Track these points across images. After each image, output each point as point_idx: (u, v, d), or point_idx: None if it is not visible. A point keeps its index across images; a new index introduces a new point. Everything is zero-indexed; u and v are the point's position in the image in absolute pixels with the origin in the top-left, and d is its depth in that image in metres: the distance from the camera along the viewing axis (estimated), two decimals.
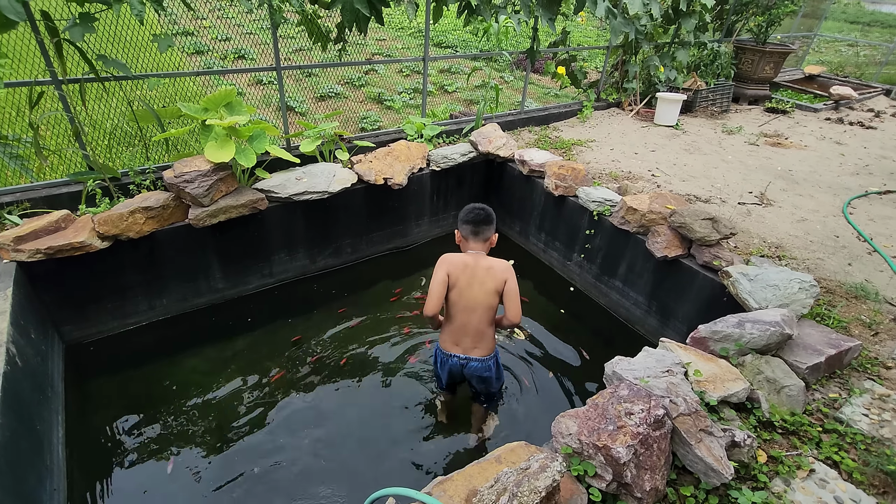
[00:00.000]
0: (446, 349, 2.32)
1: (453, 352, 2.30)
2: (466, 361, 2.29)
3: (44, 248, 2.50)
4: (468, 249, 2.32)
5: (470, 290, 2.20)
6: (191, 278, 3.20)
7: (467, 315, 2.22)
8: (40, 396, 2.22)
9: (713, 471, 1.59)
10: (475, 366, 2.29)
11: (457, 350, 2.29)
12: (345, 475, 2.36)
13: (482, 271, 2.21)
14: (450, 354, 2.30)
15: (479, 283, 2.21)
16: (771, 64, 6.44)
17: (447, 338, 2.31)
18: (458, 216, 2.37)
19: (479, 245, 2.30)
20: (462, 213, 2.34)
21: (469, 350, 2.28)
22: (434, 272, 2.23)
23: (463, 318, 2.23)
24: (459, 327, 2.26)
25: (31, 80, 2.70)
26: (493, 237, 2.34)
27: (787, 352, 2.14)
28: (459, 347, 2.29)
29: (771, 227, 3.40)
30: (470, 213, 2.31)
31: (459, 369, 2.32)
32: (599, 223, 3.47)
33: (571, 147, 4.68)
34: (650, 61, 5.77)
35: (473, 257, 2.25)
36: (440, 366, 2.40)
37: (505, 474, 1.44)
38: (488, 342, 2.29)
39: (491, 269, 2.21)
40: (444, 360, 2.34)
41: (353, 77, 7.16)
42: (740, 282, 2.53)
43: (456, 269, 2.23)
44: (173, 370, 2.88)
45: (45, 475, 1.97)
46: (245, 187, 3.19)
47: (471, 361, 2.28)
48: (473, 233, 2.29)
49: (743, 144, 5.11)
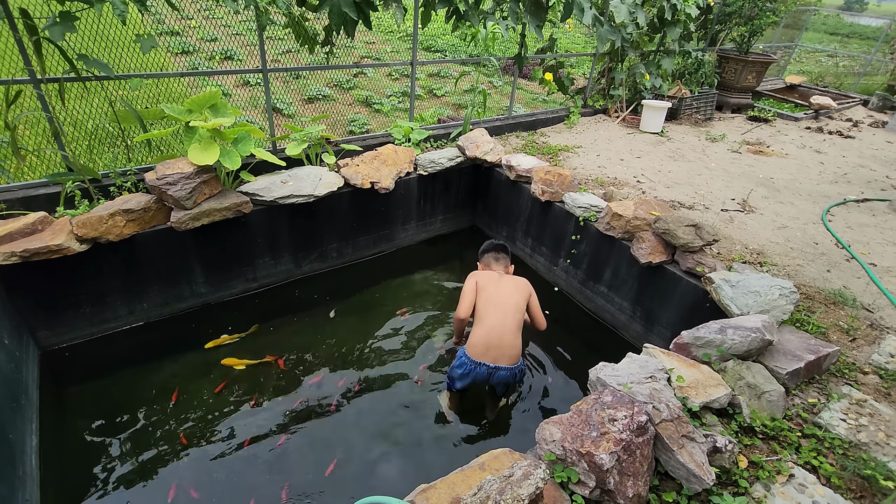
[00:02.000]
0: (475, 357, 2.36)
1: (482, 360, 2.34)
2: (495, 370, 2.34)
3: (19, 250, 2.44)
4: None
5: (500, 293, 2.46)
6: (172, 283, 3.14)
7: (500, 317, 2.35)
8: (13, 404, 2.16)
9: (695, 476, 1.60)
10: (503, 374, 2.35)
11: (486, 358, 2.34)
12: (334, 479, 2.33)
13: (510, 281, 2.58)
14: (478, 363, 2.34)
15: (509, 289, 2.51)
16: (753, 73, 6.57)
17: (477, 343, 2.37)
18: (480, 251, 2.89)
19: (502, 269, 2.74)
20: (484, 247, 2.86)
21: (498, 359, 2.34)
22: (465, 283, 2.57)
23: (494, 320, 2.35)
24: (489, 332, 2.34)
25: (8, 80, 2.64)
26: (510, 267, 2.81)
27: (768, 357, 2.17)
28: (489, 355, 2.34)
29: (752, 233, 3.46)
30: (492, 246, 2.84)
31: (486, 377, 2.37)
32: (585, 229, 3.50)
33: (558, 153, 4.72)
34: (636, 69, 5.85)
35: (499, 274, 2.66)
36: (463, 374, 2.41)
37: (488, 482, 1.43)
38: (517, 349, 2.37)
39: (518, 280, 2.61)
40: (471, 368, 2.37)
41: (342, 80, 7.14)
42: (722, 288, 2.56)
43: (483, 278, 2.57)
44: (153, 376, 2.82)
45: (17, 485, 1.91)
46: (229, 190, 3.15)
47: (499, 371, 2.33)
48: (496, 259, 2.78)
49: (726, 152, 5.19)
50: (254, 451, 2.44)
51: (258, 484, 2.28)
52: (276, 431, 2.55)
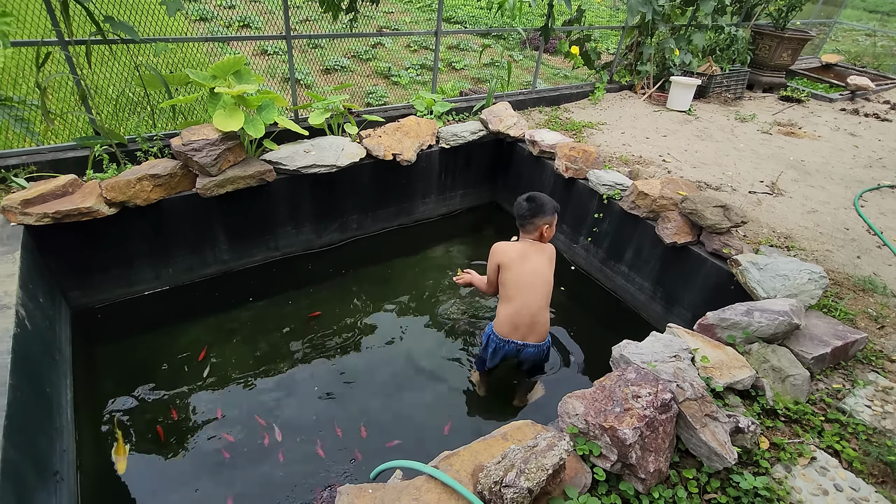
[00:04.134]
0: (503, 335, 2.36)
1: (511, 338, 2.34)
2: (523, 347, 2.34)
3: (51, 212, 2.48)
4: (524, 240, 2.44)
5: (528, 269, 2.31)
6: (197, 248, 3.19)
7: (529, 295, 2.28)
8: (49, 360, 2.24)
9: (717, 455, 1.60)
10: (531, 352, 2.35)
11: (514, 336, 2.34)
12: (356, 443, 2.39)
13: (541, 253, 2.36)
14: (507, 340, 2.35)
15: (537, 264, 2.33)
16: (789, 51, 6.30)
17: (504, 322, 2.34)
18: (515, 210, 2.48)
19: (531, 236, 2.40)
20: (516, 209, 2.44)
21: (526, 336, 2.33)
22: (489, 260, 2.42)
23: (521, 300, 2.29)
24: (517, 312, 2.30)
25: (38, 41, 2.64)
26: (541, 227, 2.36)
27: (794, 342, 2.15)
28: (518, 333, 2.33)
29: (781, 217, 3.38)
30: (516, 208, 2.42)
31: (515, 354, 2.38)
32: (608, 207, 3.45)
33: (582, 129, 4.62)
34: (665, 44, 5.64)
35: (528, 244, 2.39)
36: (493, 352, 2.42)
37: (512, 451, 1.46)
38: (544, 326, 2.35)
39: (547, 250, 2.40)
40: (499, 346, 2.38)
41: (360, 50, 7.02)
42: (749, 271, 2.52)
43: (508, 256, 2.35)
44: (178, 339, 2.89)
45: (55, 437, 2.00)
46: (253, 158, 3.15)
47: (527, 347, 2.34)
48: (521, 226, 2.42)
49: (756, 133, 5.03)
50: (282, 412, 2.51)
51: (282, 445, 2.36)
52: (302, 394, 2.62)
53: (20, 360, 1.82)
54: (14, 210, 2.44)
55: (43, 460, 1.80)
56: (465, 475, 1.50)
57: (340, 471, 2.28)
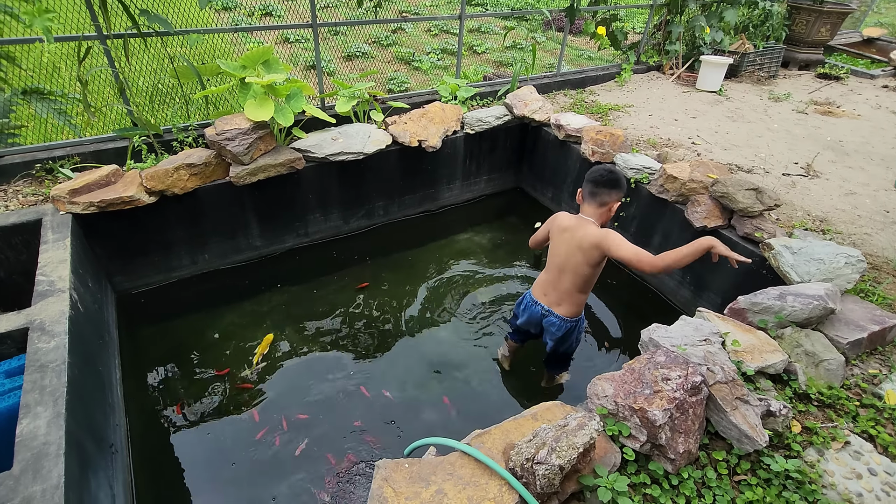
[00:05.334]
0: (535, 295, 2.47)
1: (540, 300, 2.43)
2: (548, 313, 2.41)
3: (96, 201, 2.61)
4: (581, 211, 2.32)
5: (562, 251, 2.31)
6: (230, 235, 3.30)
7: (557, 273, 2.35)
8: (99, 340, 2.37)
9: (747, 437, 1.61)
10: (553, 321, 2.40)
11: (543, 300, 2.42)
12: (389, 422, 2.47)
13: (581, 236, 2.20)
14: (536, 301, 2.45)
15: (572, 248, 2.25)
16: (827, 25, 6.02)
17: (538, 285, 2.46)
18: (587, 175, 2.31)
19: (591, 209, 2.25)
20: (589, 173, 2.28)
21: (553, 304, 2.40)
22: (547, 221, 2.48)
23: (553, 274, 2.37)
24: (549, 281, 2.40)
25: (78, 35, 2.74)
26: (611, 204, 2.24)
27: (829, 326, 2.11)
28: (546, 298, 2.42)
29: (816, 199, 3.29)
30: (594, 171, 2.26)
31: (539, 318, 2.45)
32: (636, 191, 3.41)
33: (608, 112, 4.55)
34: (696, 21, 5.47)
35: (577, 221, 2.26)
36: (524, 308, 2.52)
37: (543, 430, 1.50)
38: (573, 306, 2.37)
39: (585, 236, 2.18)
40: (529, 303, 2.48)
41: (381, 36, 7.00)
42: (783, 255, 2.48)
43: (555, 229, 2.38)
44: (213, 322, 3.02)
45: (108, 412, 2.14)
46: (283, 146, 3.22)
47: (550, 315, 2.40)
48: (591, 193, 2.24)
49: (790, 112, 4.87)
50: (316, 393, 2.61)
51: (316, 424, 2.46)
52: (333, 374, 2.71)
53: (76, 340, 1.94)
54: (63, 199, 2.57)
55: (100, 433, 1.92)
56: (497, 452, 1.55)
57: (362, 448, 2.37)
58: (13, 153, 2.91)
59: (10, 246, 2.52)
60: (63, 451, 1.48)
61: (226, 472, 2.24)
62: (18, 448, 1.48)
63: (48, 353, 1.79)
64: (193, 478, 2.22)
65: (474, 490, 1.41)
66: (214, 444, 2.35)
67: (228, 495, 2.16)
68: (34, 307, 1.99)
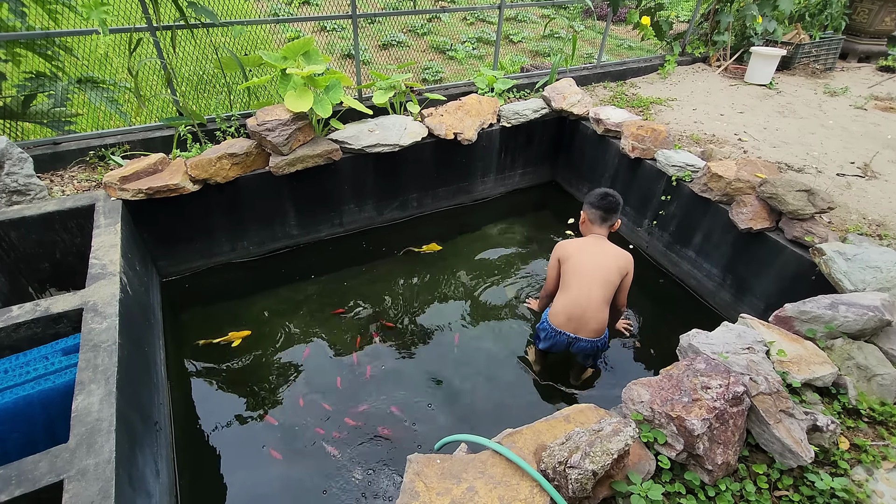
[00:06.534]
0: (556, 324, 2.31)
1: (564, 329, 2.29)
2: (575, 341, 2.29)
3: (144, 188, 2.71)
4: (591, 233, 2.46)
5: (590, 263, 2.27)
6: (269, 223, 3.38)
7: (585, 289, 2.24)
8: (146, 322, 2.48)
9: (791, 452, 1.55)
10: (583, 346, 2.30)
11: (567, 328, 2.28)
12: (415, 416, 2.51)
13: (609, 253, 2.34)
14: (558, 331, 2.30)
15: (603, 261, 2.29)
16: (893, 14, 5.64)
17: (559, 312, 2.30)
18: (587, 199, 2.47)
19: (603, 230, 2.44)
20: (593, 198, 2.43)
21: (579, 330, 2.27)
22: (551, 257, 2.47)
23: (577, 292, 2.25)
24: (572, 303, 2.26)
25: (131, 27, 2.84)
26: (616, 223, 2.47)
27: (884, 339, 2.00)
28: (570, 325, 2.27)
29: (874, 202, 3.10)
30: (603, 199, 2.40)
31: (566, 346, 2.33)
32: (677, 189, 3.30)
33: (650, 105, 4.40)
34: (747, 10, 5.20)
35: (595, 240, 2.40)
36: (545, 336, 2.40)
37: (577, 433, 1.48)
38: (601, 324, 2.27)
39: (619, 254, 2.34)
40: (551, 335, 2.34)
41: (417, 25, 6.97)
42: (835, 261, 2.36)
43: (570, 249, 2.38)
44: (251, 308, 3.11)
45: (154, 391, 2.24)
46: (321, 137, 3.26)
47: (580, 342, 2.29)
48: (602, 218, 2.41)
49: (847, 108, 4.59)
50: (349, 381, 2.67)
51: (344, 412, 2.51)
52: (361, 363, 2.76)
53: (125, 322, 2.04)
54: (114, 186, 2.69)
55: (146, 411, 2.02)
56: (528, 453, 1.55)
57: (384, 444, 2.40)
58: (69, 140, 3.06)
59: (66, 229, 2.66)
60: (114, 427, 1.56)
61: (261, 451, 2.32)
62: (74, 423, 1.57)
63: (101, 334, 1.88)
64: (232, 456, 2.31)
65: (505, 490, 1.41)
66: (248, 424, 2.44)
67: (266, 473, 2.24)
68: (88, 289, 2.10)
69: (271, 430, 2.42)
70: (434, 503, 1.38)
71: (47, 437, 1.84)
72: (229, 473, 2.25)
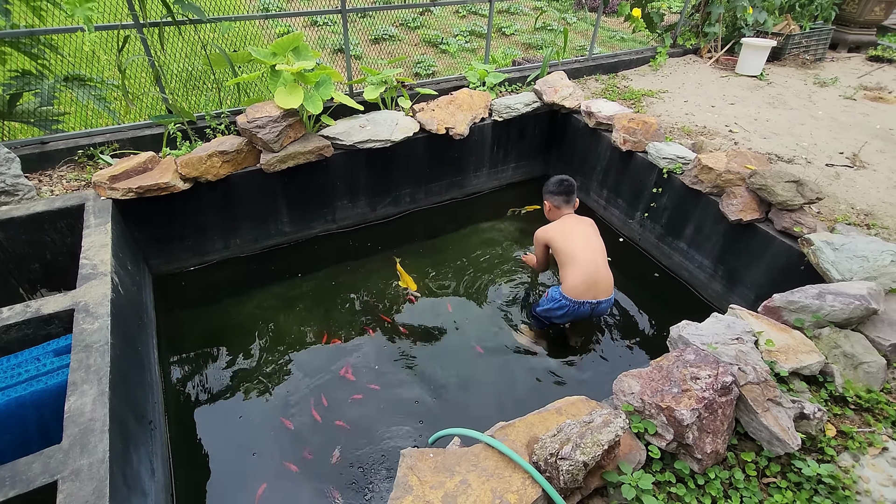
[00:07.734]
0: (577, 297, 2.50)
1: (585, 298, 2.50)
2: (597, 305, 2.52)
3: (134, 187, 2.70)
4: (561, 216, 2.79)
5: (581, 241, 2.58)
6: (261, 221, 3.37)
7: (590, 253, 2.52)
8: (139, 321, 2.48)
9: (778, 440, 1.58)
10: (604, 307, 2.55)
11: (588, 296, 2.50)
12: (409, 411, 2.52)
13: (587, 223, 2.72)
14: (581, 302, 2.50)
15: (587, 231, 2.65)
16: (882, 4, 5.66)
17: (577, 284, 2.49)
18: (546, 190, 2.84)
19: (570, 210, 2.81)
20: (552, 187, 2.81)
21: (598, 294, 2.51)
22: (535, 242, 2.81)
23: (585, 257, 2.51)
24: (585, 271, 2.48)
25: (117, 24, 2.81)
26: (576, 202, 2.85)
27: (870, 327, 2.03)
28: (590, 292, 2.50)
29: (862, 192, 3.13)
30: (561, 184, 2.79)
31: (588, 314, 2.56)
32: (668, 181, 3.31)
33: (641, 98, 4.41)
34: (738, 1, 5.21)
35: (569, 218, 2.74)
36: (564, 315, 2.57)
37: (568, 425, 1.50)
38: (611, 280, 2.57)
39: (592, 222, 2.74)
40: (572, 308, 2.52)
41: (408, 18, 6.93)
42: (823, 251, 2.38)
43: (551, 236, 2.67)
44: (245, 305, 3.10)
45: (148, 390, 2.24)
46: (312, 134, 3.25)
47: (601, 304, 2.52)
48: (566, 201, 2.79)
49: (837, 98, 4.62)
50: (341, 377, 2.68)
51: (339, 408, 2.52)
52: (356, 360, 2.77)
53: (118, 321, 2.03)
54: (103, 185, 2.67)
55: (140, 410, 2.02)
56: (521, 446, 1.57)
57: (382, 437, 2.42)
58: (57, 139, 3.03)
59: (56, 229, 2.64)
60: (107, 427, 1.56)
61: (256, 447, 2.33)
62: (67, 424, 1.57)
63: (92, 334, 1.88)
64: (227, 453, 2.32)
65: (498, 482, 1.43)
66: (245, 421, 2.45)
67: (259, 469, 2.25)
68: (79, 289, 2.09)
69: (267, 427, 2.42)
70: (428, 496, 1.39)
71: (41, 438, 1.84)
72: (225, 470, 2.26)
